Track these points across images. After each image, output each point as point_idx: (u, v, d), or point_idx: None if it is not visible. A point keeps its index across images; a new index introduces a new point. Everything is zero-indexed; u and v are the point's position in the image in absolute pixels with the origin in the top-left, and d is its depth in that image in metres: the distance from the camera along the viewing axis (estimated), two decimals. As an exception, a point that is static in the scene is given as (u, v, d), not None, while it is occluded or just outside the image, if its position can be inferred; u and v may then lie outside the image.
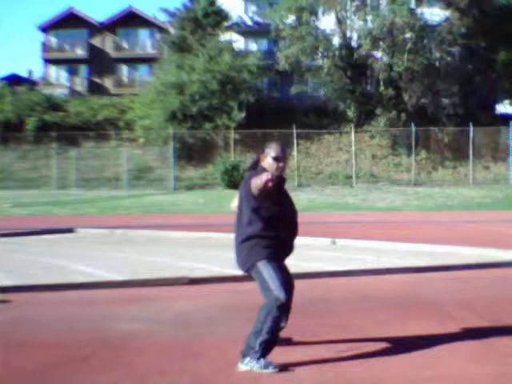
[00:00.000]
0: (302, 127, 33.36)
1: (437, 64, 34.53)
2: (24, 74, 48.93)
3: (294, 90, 35.54)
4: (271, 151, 4.36)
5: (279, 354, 4.26)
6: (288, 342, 4.68)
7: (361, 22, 35.22)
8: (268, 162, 4.34)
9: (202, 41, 35.48)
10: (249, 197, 4.27)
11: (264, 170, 4.30)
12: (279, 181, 4.27)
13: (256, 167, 4.41)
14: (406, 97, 34.49)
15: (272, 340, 4.12)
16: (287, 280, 4.28)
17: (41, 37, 44.93)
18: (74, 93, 42.70)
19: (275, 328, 4.12)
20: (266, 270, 4.20)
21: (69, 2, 78.20)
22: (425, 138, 33.80)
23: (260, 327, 4.09)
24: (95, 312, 6.08)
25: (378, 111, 34.33)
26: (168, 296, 6.85)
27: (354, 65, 35.27)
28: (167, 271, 8.23)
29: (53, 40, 44.31)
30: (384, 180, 32.19)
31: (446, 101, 34.66)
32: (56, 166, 33.44)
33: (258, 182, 4.08)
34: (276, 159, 4.32)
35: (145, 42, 44.21)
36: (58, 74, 44.75)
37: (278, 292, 4.12)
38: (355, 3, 35.14)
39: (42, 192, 29.90)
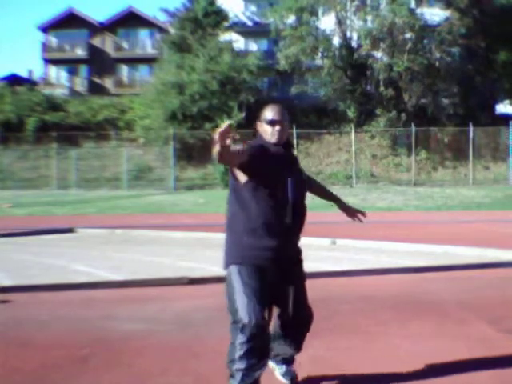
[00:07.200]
0: (302, 127, 33.35)
1: (437, 64, 34.53)
2: (24, 74, 49.05)
3: (293, 89, 35.57)
4: (266, 113, 3.55)
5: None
6: None
7: (361, 22, 35.25)
8: (263, 127, 3.59)
9: (201, 41, 35.50)
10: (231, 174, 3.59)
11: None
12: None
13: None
14: (406, 97, 34.51)
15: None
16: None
17: (41, 37, 45.03)
18: (74, 93, 42.75)
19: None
20: (235, 277, 3.54)
21: (69, 2, 78.25)
22: (425, 138, 33.81)
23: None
24: (95, 312, 6.07)
25: (378, 111, 34.33)
26: (168, 296, 6.84)
27: (354, 65, 35.28)
28: (167, 271, 8.23)
29: (53, 40, 44.36)
30: (384, 180, 32.19)
31: (446, 101, 34.71)
32: (56, 166, 33.45)
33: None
34: (271, 123, 3.52)
35: (145, 42, 44.25)
36: (58, 74, 44.80)
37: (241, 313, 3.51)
38: (355, 3, 35.17)
39: (42, 192, 29.89)
